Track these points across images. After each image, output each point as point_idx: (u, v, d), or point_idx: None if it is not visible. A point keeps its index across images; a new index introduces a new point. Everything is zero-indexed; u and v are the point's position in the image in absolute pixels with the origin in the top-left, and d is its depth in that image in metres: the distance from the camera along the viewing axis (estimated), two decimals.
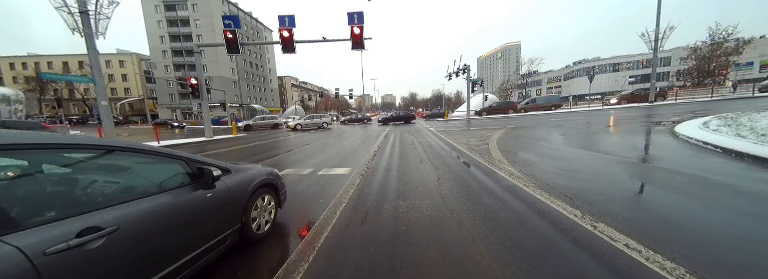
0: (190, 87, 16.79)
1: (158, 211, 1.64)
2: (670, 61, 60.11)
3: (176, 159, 2.03)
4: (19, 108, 22.36)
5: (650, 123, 10.84)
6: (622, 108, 23.25)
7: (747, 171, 4.20)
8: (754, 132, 5.81)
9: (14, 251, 1.05)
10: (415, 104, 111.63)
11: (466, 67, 30.22)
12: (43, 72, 45.82)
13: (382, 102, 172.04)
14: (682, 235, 2.41)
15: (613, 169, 4.68)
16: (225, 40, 14.43)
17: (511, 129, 12.80)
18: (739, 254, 2.09)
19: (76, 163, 1.60)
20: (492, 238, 2.53)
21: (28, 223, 1.15)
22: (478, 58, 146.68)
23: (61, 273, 1.14)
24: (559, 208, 3.11)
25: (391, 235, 2.71)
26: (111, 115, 11.45)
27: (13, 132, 1.40)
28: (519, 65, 60.03)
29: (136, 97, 51.78)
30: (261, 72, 72.19)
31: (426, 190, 4.12)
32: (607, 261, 2.06)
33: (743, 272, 1.89)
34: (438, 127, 18.40)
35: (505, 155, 6.53)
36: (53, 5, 10.17)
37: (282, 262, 2.29)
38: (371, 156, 7.52)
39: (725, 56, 32.18)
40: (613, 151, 6.10)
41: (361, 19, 14.06)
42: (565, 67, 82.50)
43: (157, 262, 1.56)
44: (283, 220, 3.23)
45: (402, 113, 30.21)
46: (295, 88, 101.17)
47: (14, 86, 41.72)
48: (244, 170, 2.69)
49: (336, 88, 48.35)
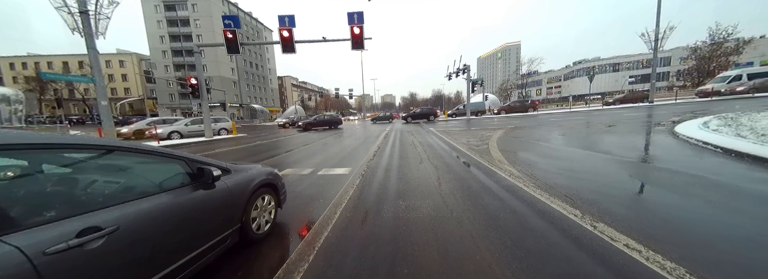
0: (190, 87, 16.79)
1: (158, 211, 1.64)
2: (670, 61, 60.16)
3: (176, 159, 2.03)
4: (19, 108, 22.38)
5: (650, 123, 10.84)
6: (622, 108, 23.26)
7: (747, 171, 4.19)
8: (754, 132, 5.80)
9: (14, 251, 1.04)
10: (415, 104, 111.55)
11: (466, 67, 30.21)
12: (43, 72, 45.76)
13: (382, 102, 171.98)
14: (682, 235, 2.40)
15: (613, 169, 4.68)
16: (225, 40, 14.44)
17: (511, 129, 12.81)
18: (738, 255, 2.09)
19: (76, 163, 1.60)
20: (492, 238, 2.53)
21: (28, 223, 1.15)
22: (478, 58, 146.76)
23: (61, 273, 1.14)
24: (559, 208, 3.11)
25: (391, 235, 2.71)
26: (111, 115, 11.45)
27: (13, 132, 1.40)
28: (519, 65, 60.12)
29: (136, 97, 51.70)
30: (261, 72, 72.23)
31: (426, 190, 4.12)
32: (607, 261, 2.06)
33: (743, 273, 1.89)
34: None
35: (505, 155, 6.53)
36: (53, 5, 10.18)
37: (282, 262, 2.29)
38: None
39: (725, 56, 32.23)
40: (612, 150, 6.10)
41: (361, 19, 14.07)
42: (565, 67, 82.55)
43: (157, 262, 1.56)
44: (283, 220, 3.23)
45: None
46: (295, 88, 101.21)
47: (14, 86, 41.74)
48: (244, 170, 2.69)
49: (336, 88, 48.37)
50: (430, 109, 29.32)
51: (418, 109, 30.63)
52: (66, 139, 1.51)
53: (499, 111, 30.91)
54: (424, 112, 27.91)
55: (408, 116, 28.07)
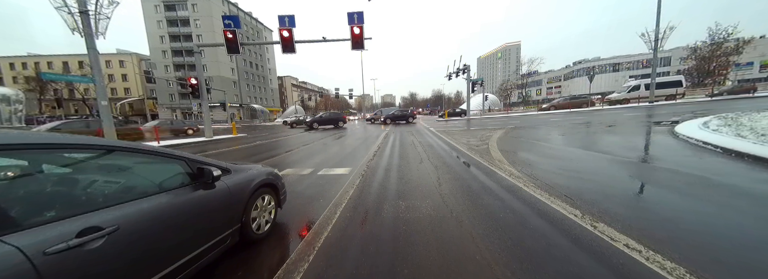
0: (190, 87, 16.78)
1: (158, 211, 1.64)
2: (670, 61, 60.13)
3: (176, 159, 2.03)
4: (19, 108, 22.38)
5: (650, 123, 10.84)
6: (621, 108, 23.26)
7: (747, 171, 4.20)
8: (755, 132, 5.81)
9: (14, 251, 1.04)
10: (415, 104, 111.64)
11: (466, 67, 30.22)
12: (43, 72, 45.74)
13: (382, 102, 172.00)
14: (682, 235, 2.40)
15: (613, 169, 4.68)
16: (225, 40, 14.43)
17: (511, 129, 12.81)
18: (738, 254, 2.09)
19: (76, 163, 1.60)
20: (492, 237, 2.53)
21: (28, 223, 1.15)
22: (478, 58, 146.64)
23: (61, 273, 1.14)
24: (559, 208, 3.11)
25: (391, 235, 2.71)
26: (111, 115, 11.44)
27: (13, 132, 1.40)
28: (519, 65, 60.07)
29: (136, 97, 51.69)
30: (261, 72, 72.22)
31: (426, 190, 4.12)
32: (607, 261, 2.06)
33: (743, 272, 1.89)
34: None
35: (505, 155, 6.53)
36: (53, 5, 10.17)
37: (282, 262, 2.29)
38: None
39: (725, 56, 32.20)
40: (613, 151, 6.10)
41: (361, 19, 14.06)
42: (565, 67, 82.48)
43: (157, 262, 1.56)
44: (283, 220, 3.23)
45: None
46: (295, 88, 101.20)
47: (14, 86, 41.69)
48: (244, 170, 2.69)
49: (336, 88, 48.34)
50: (407, 111, 28.14)
51: (397, 111, 29.22)
52: (66, 139, 1.51)
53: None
54: (403, 115, 26.54)
55: (387, 118, 26.48)
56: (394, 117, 25.97)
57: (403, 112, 26.90)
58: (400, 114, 26.46)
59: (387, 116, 26.77)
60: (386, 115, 27.16)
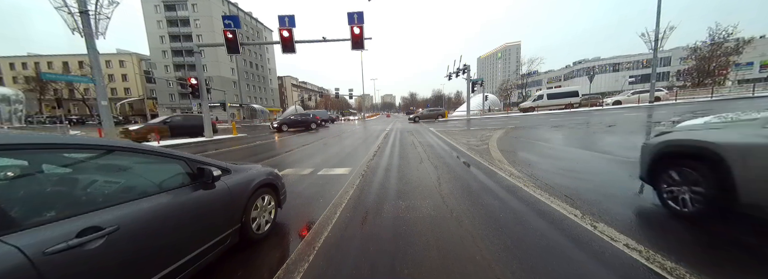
0: (190, 87, 16.77)
1: (158, 211, 1.64)
2: (670, 61, 60.06)
3: (176, 159, 2.03)
4: (19, 108, 22.39)
5: (650, 123, 10.84)
6: (622, 108, 23.27)
7: None
8: None
9: (14, 251, 1.04)
10: (415, 104, 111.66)
11: (466, 67, 30.23)
12: (43, 72, 45.76)
13: (382, 102, 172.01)
14: (681, 235, 2.41)
15: (613, 169, 4.68)
16: (225, 40, 14.42)
17: (511, 129, 12.80)
18: (740, 254, 2.09)
19: (76, 163, 1.60)
20: (492, 238, 2.53)
21: (28, 223, 1.15)
22: (478, 58, 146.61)
23: (61, 273, 1.14)
24: (559, 208, 3.11)
25: (392, 235, 2.71)
26: (111, 115, 11.45)
27: (13, 132, 1.40)
28: (519, 65, 59.98)
29: (136, 97, 51.69)
30: (261, 72, 72.22)
31: (426, 190, 4.12)
32: (607, 261, 2.06)
33: (744, 273, 1.89)
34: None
35: (505, 155, 6.53)
36: (53, 5, 10.18)
37: (282, 262, 2.29)
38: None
39: (725, 56, 32.14)
40: (612, 151, 6.10)
41: (361, 19, 14.05)
42: (565, 67, 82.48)
43: (157, 262, 1.56)
44: (283, 220, 3.22)
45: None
46: (295, 88, 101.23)
47: (14, 86, 41.71)
48: (244, 170, 2.69)
49: (336, 88, 48.37)
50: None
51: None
52: (66, 139, 1.51)
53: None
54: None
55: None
56: (292, 122, 23.07)
57: (304, 118, 24.07)
58: (301, 119, 23.75)
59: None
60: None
